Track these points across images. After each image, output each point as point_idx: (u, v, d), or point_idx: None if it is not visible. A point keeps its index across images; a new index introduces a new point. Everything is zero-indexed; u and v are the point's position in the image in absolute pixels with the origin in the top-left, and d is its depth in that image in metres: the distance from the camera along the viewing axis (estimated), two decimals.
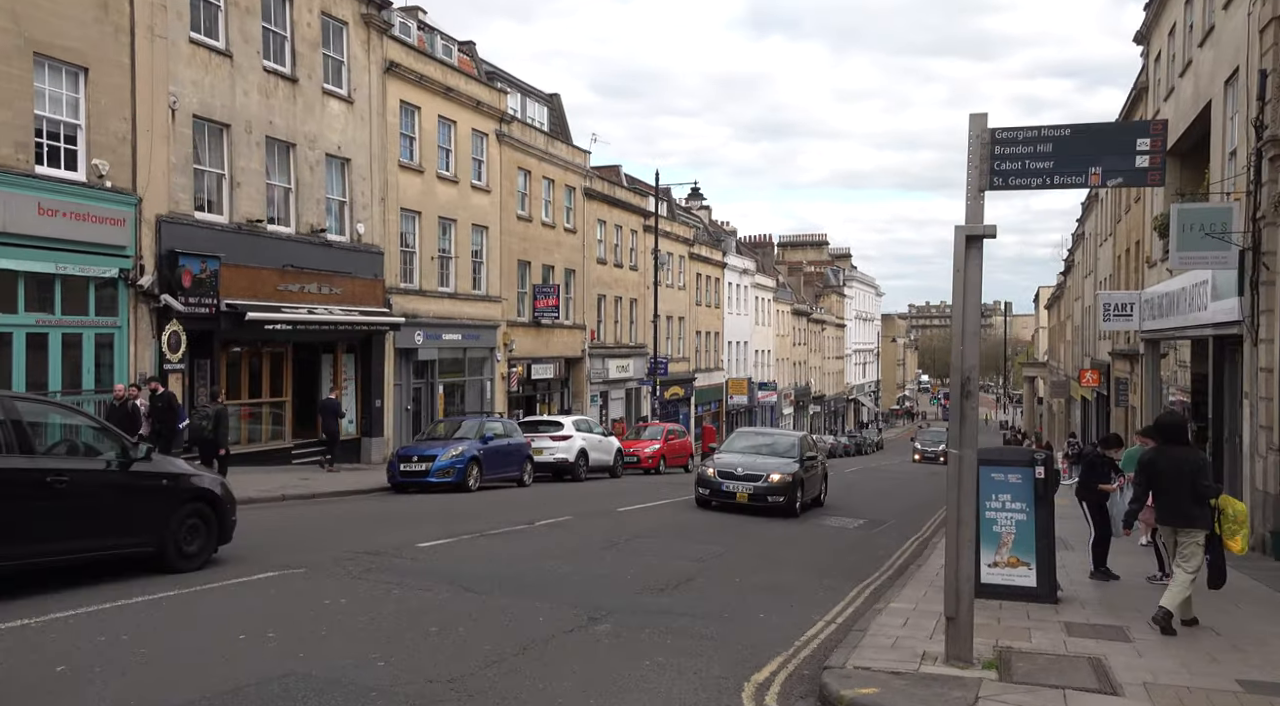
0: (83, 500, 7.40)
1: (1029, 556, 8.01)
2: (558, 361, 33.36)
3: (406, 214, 24.85)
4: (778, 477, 15.77)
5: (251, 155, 19.32)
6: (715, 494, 15.85)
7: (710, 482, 16.05)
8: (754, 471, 15.94)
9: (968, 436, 5.53)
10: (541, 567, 9.20)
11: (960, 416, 5.53)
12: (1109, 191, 31.75)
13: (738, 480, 15.85)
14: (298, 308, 20.23)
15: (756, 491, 15.63)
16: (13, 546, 6.82)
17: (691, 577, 9.18)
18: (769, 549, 12.07)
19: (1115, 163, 5.21)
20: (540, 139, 32.02)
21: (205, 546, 8.50)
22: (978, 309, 5.51)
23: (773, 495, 15.57)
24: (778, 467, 16.07)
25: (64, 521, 7.22)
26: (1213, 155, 15.63)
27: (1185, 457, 7.37)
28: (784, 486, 15.68)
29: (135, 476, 7.95)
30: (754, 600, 8.24)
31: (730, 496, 15.74)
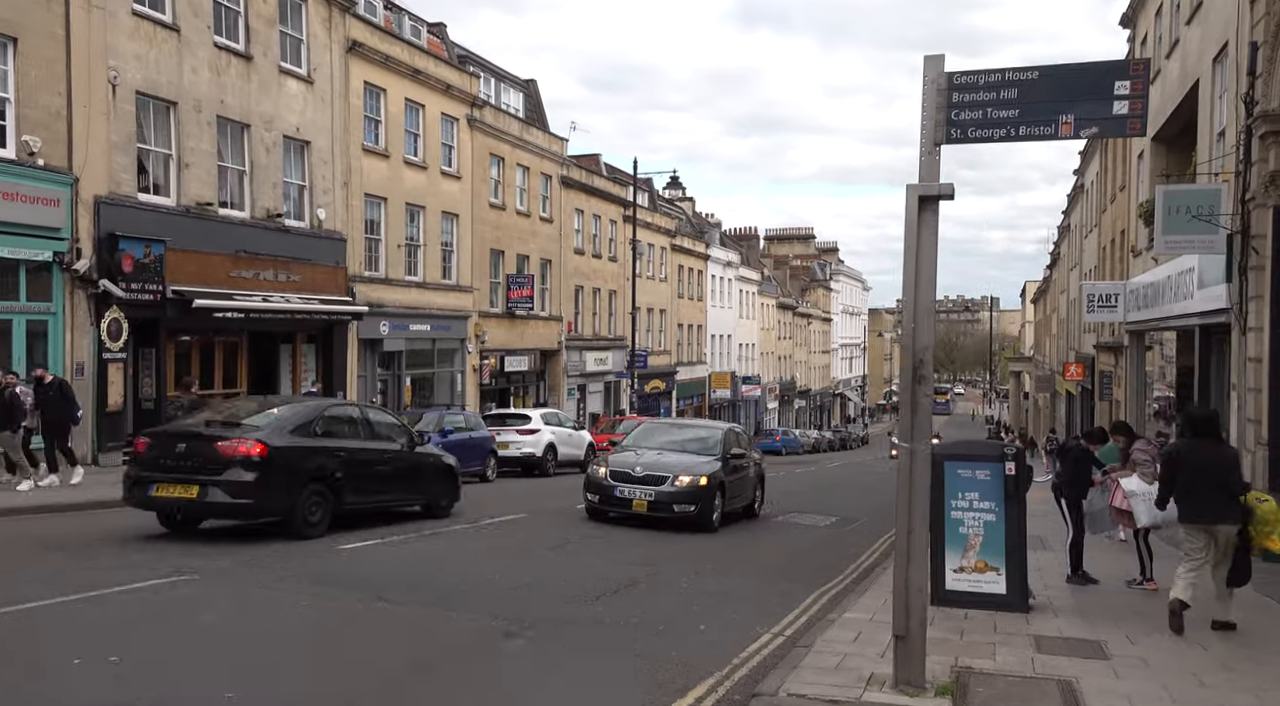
0: (394, 470, 11.60)
1: (998, 560, 7.30)
2: (533, 353, 32.57)
3: (371, 200, 24.01)
4: (687, 481, 12.37)
5: (201, 135, 18.46)
6: (607, 501, 12.58)
7: (600, 486, 12.66)
8: (657, 472, 12.57)
9: (920, 428, 4.81)
10: (471, 572, 8.46)
11: (912, 405, 4.81)
12: (1094, 181, 31.15)
13: (635, 484, 12.46)
14: (251, 295, 19.38)
15: (659, 498, 12.26)
16: (364, 496, 10.98)
17: (635, 582, 8.45)
18: (729, 548, 11.38)
19: (1090, 110, 4.50)
20: (514, 125, 31.19)
21: (450, 502, 12.84)
22: (932, 281, 4.79)
23: (680, 503, 12.25)
24: (689, 468, 12.69)
25: (385, 482, 11.47)
26: (1200, 137, 14.98)
27: (1217, 452, 7.01)
28: (695, 492, 12.38)
29: (417, 456, 12.18)
30: (699, 608, 7.51)
31: (624, 505, 12.38)
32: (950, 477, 7.37)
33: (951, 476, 7.37)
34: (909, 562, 4.87)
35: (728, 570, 9.64)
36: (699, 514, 12.37)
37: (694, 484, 12.43)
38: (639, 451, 13.61)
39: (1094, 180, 31.76)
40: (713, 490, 12.63)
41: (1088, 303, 22.10)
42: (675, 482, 12.40)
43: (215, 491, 9.24)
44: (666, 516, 12.28)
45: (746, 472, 14.36)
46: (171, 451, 9.67)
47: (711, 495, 12.61)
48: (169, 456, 9.63)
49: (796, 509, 16.54)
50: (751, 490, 14.67)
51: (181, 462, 9.50)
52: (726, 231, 62.37)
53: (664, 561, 9.88)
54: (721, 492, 12.91)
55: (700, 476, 12.56)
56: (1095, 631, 6.73)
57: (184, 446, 9.66)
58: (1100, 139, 20.73)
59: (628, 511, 12.34)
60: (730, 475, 13.35)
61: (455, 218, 27.58)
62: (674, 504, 12.28)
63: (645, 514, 12.24)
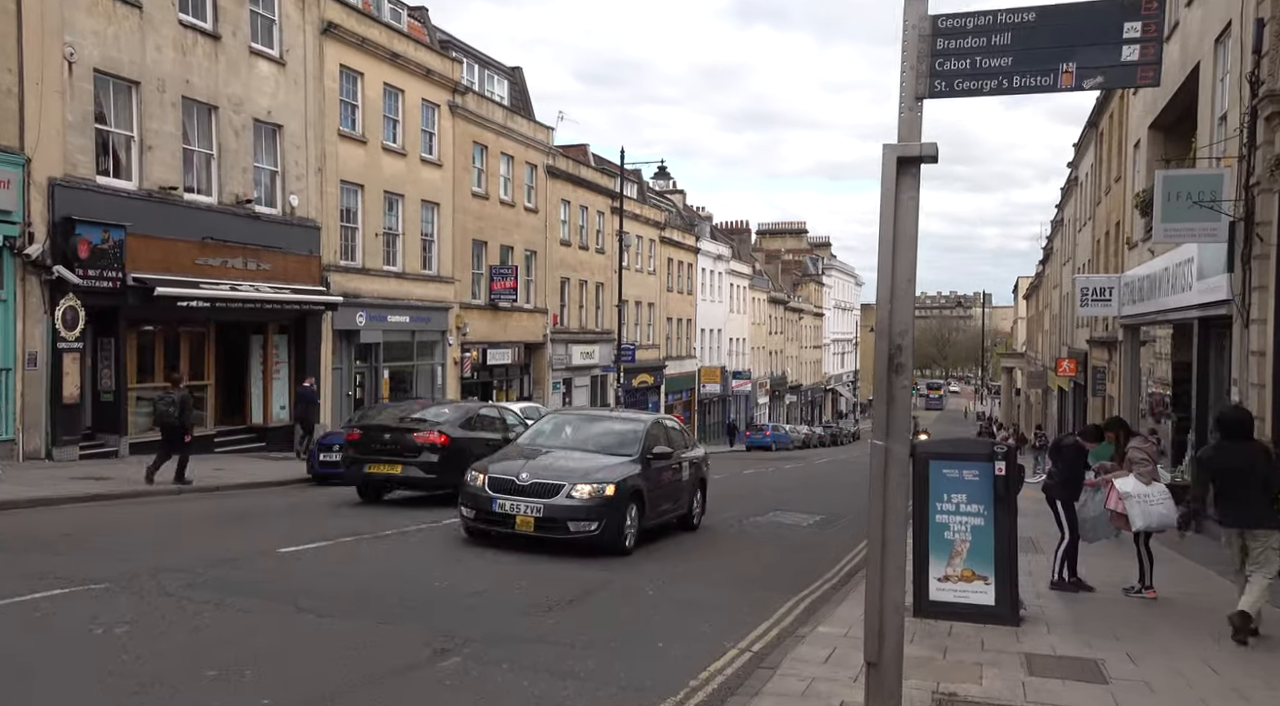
0: None
1: (987, 568, 6.70)
2: (517, 346, 31.93)
3: (348, 187, 23.31)
4: (587, 491, 9.61)
5: (165, 116, 17.74)
6: (485, 517, 9.80)
7: (476, 499, 9.85)
8: (547, 479, 9.75)
9: (897, 424, 4.20)
10: (415, 579, 7.82)
11: (887, 397, 4.20)
12: (1089, 174, 30.62)
13: (518, 495, 9.61)
14: (219, 284, 18.69)
15: (550, 514, 9.49)
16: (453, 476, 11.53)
17: (593, 590, 7.84)
18: (702, 549, 10.75)
19: (1095, 57, 3.89)
20: (499, 113, 30.48)
21: None
22: (911, 254, 4.18)
23: (577, 519, 9.51)
24: (591, 473, 9.89)
25: None
26: (1200, 122, 14.39)
27: (1254, 454, 6.62)
28: (598, 505, 9.58)
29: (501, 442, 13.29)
30: (660, 620, 6.91)
31: (504, 522, 9.62)
32: (935, 478, 6.77)
33: (937, 477, 6.77)
34: (883, 579, 4.26)
35: (699, 574, 9.06)
36: (603, 533, 9.56)
37: (597, 494, 9.59)
38: (535, 452, 10.79)
39: (1088, 173, 31.22)
40: (622, 501, 9.80)
41: (1081, 296, 21.56)
42: (572, 493, 9.59)
43: (412, 469, 12.93)
44: (559, 537, 9.50)
45: (678, 476, 11.59)
46: (380, 440, 13.23)
47: (621, 507, 9.77)
48: (378, 443, 13.20)
49: (781, 507, 15.95)
50: (688, 497, 12.06)
51: (387, 447, 13.11)
52: (718, 225, 61.75)
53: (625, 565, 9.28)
54: (638, 503, 10.17)
55: (606, 484, 9.67)
56: (1092, 648, 6.14)
57: (389, 436, 13.25)
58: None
59: (509, 530, 9.56)
60: (653, 480, 10.62)
61: (436, 206, 26.89)
62: (569, 520, 9.47)
63: (531, 534, 9.49)
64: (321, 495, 14.24)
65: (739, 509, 15.14)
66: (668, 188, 53.68)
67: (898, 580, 4.26)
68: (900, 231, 4.18)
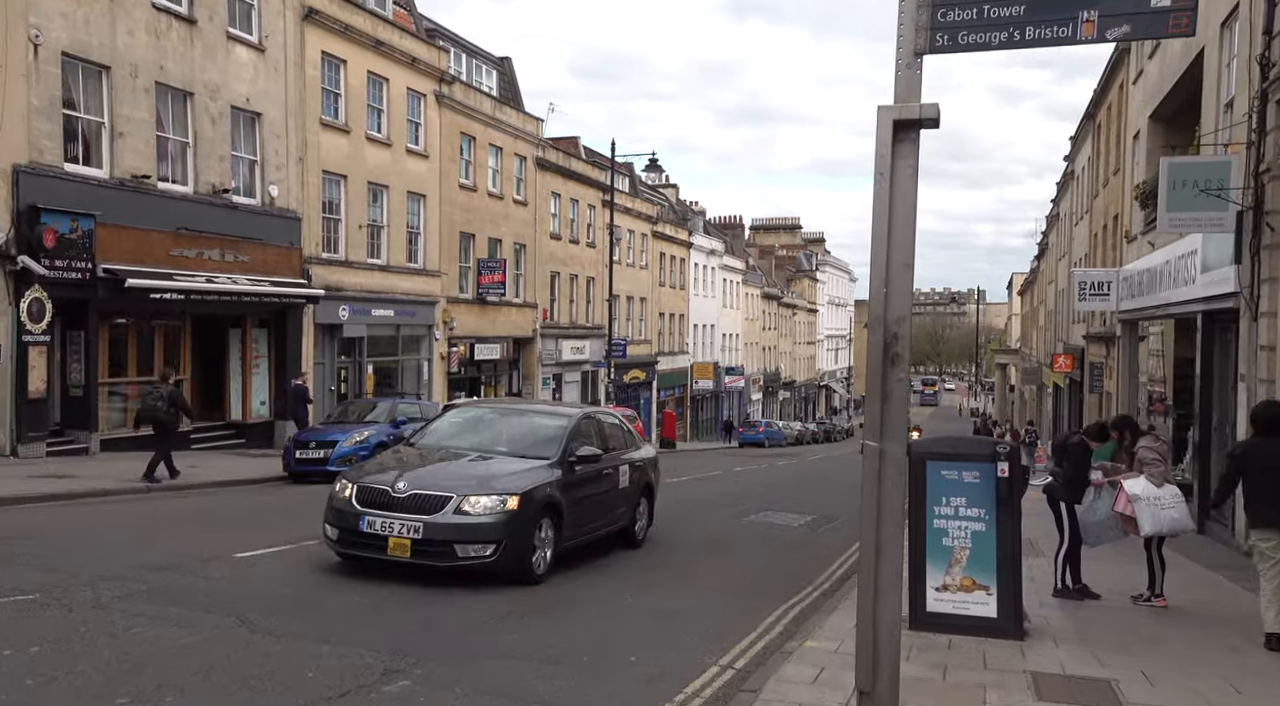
0: None
1: (988, 577, 6.23)
2: (505, 342, 31.41)
3: (330, 177, 22.76)
4: (482, 505, 7.69)
5: (138, 102, 17.18)
6: (349, 538, 7.84)
7: (342, 514, 7.89)
8: (430, 490, 7.82)
9: (893, 422, 3.72)
10: (369, 589, 7.23)
11: (882, 393, 3.72)
12: (1086, 167, 30.20)
13: (392, 512, 7.67)
14: (194, 275, 18.15)
15: (431, 534, 7.54)
16: None
17: (565, 598, 7.35)
18: (685, 554, 10.21)
19: (1120, 3, 3.43)
20: (487, 103, 29.92)
21: None
22: (910, 233, 3.70)
23: (467, 541, 7.56)
24: (489, 482, 8.02)
25: None
26: (1205, 110, 13.94)
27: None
28: (496, 523, 7.66)
29: None
30: (637, 631, 6.43)
31: (374, 544, 7.67)
32: (933, 480, 6.30)
33: (934, 478, 6.30)
34: (877, 596, 3.78)
35: (681, 579, 8.58)
36: (501, 557, 7.60)
37: (495, 508, 7.66)
38: (427, 455, 8.92)
39: (1085, 166, 30.79)
40: (530, 516, 7.90)
41: (1079, 290, 21.13)
42: (463, 507, 7.61)
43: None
44: (442, 565, 7.53)
45: (613, 483, 9.61)
46: None
47: (527, 524, 7.87)
48: None
49: (772, 506, 15.47)
50: (627, 507, 10.07)
51: None
52: (711, 220, 61.26)
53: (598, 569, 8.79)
54: (554, 518, 8.31)
55: (508, 494, 7.77)
56: (1103, 665, 5.67)
57: None
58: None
59: (379, 556, 7.60)
60: (577, 488, 8.74)
61: (422, 198, 26.34)
62: (456, 542, 7.51)
63: (406, 560, 7.53)
64: (298, 494, 13.74)
65: (729, 508, 14.68)
66: (661, 182, 53.14)
67: (894, 599, 3.79)
68: (897, 206, 3.70)
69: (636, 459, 10.59)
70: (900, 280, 3.71)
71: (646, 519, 10.80)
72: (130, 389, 18.06)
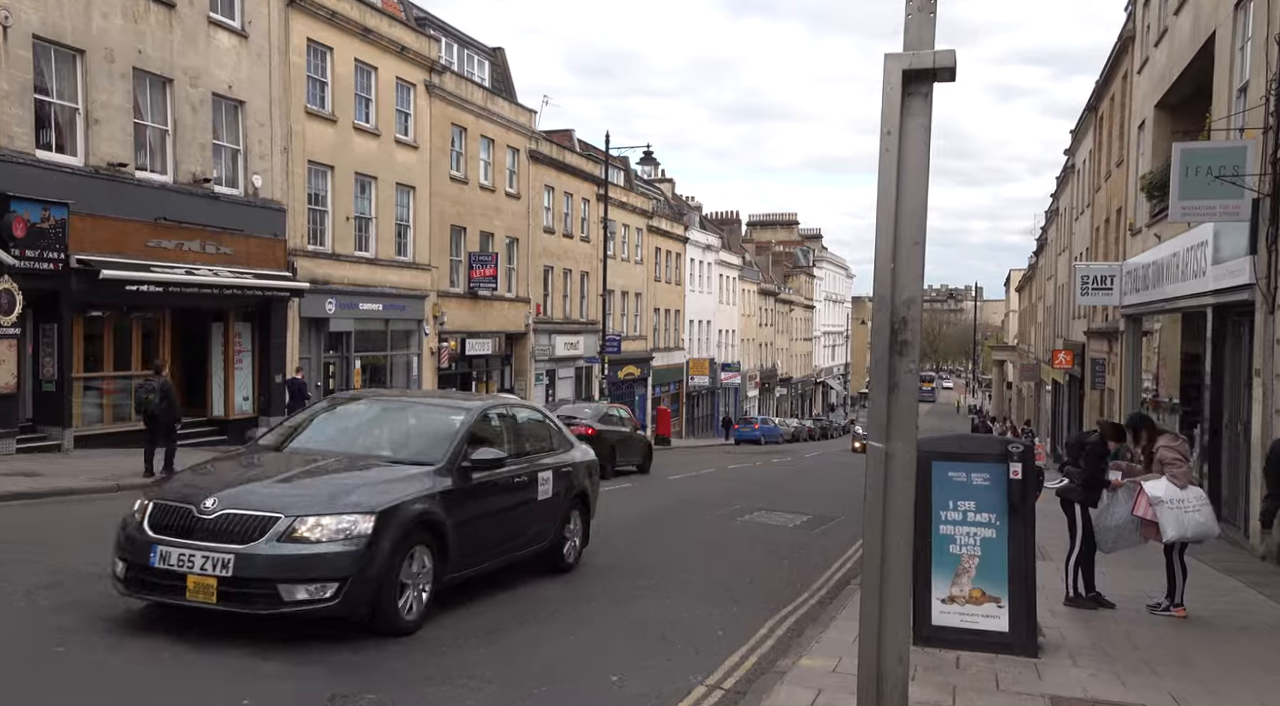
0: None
1: (999, 589, 5.74)
2: (497, 337, 30.90)
3: (316, 168, 22.23)
4: (323, 530, 5.80)
5: (114, 88, 16.64)
6: (139, 575, 5.84)
7: (133, 543, 5.92)
8: (252, 508, 5.87)
9: (901, 419, 3.24)
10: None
11: (888, 385, 3.23)
12: (1087, 160, 29.72)
13: (194, 540, 5.73)
14: (173, 267, 17.62)
15: (245, 570, 5.60)
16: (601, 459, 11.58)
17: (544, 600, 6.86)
18: (674, 558, 9.69)
19: None
20: (478, 94, 29.38)
21: None
22: (921, 200, 3.21)
23: (296, 580, 5.66)
24: (339, 497, 6.08)
25: None
26: (1216, 95, 13.46)
27: None
28: (342, 554, 5.77)
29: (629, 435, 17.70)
30: (616, 645, 5.94)
31: (169, 585, 5.71)
32: (939, 482, 5.81)
33: (941, 480, 5.82)
34: (882, 618, 3.30)
35: (669, 586, 8.06)
36: (349, 599, 5.69)
37: (341, 533, 5.75)
38: (269, 460, 6.92)
39: (1086, 159, 30.32)
40: (396, 542, 5.95)
41: (1081, 285, 20.66)
42: (295, 532, 5.72)
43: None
44: (261, 613, 5.60)
45: (528, 494, 7.74)
46: None
47: (391, 554, 5.91)
48: None
49: (767, 505, 14.99)
50: (553, 524, 8.22)
51: None
52: (707, 215, 60.76)
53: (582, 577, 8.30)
54: (434, 543, 6.36)
55: (360, 514, 5.86)
56: (1127, 687, 5.18)
57: None
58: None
59: (178, 600, 5.64)
60: (472, 503, 6.84)
61: (411, 190, 25.82)
62: (281, 581, 5.60)
63: (213, 607, 5.58)
64: None
65: (722, 508, 14.20)
66: (657, 177, 52.59)
67: (901, 621, 3.29)
68: (907, 171, 3.21)
69: (565, 463, 8.59)
70: (910, 257, 3.22)
71: (580, 537, 8.85)
72: (107, 384, 17.55)
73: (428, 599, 6.30)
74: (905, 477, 3.21)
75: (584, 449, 9.40)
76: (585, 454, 9.27)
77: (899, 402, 3.22)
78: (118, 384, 17.73)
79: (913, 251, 3.19)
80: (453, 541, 6.53)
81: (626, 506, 13.59)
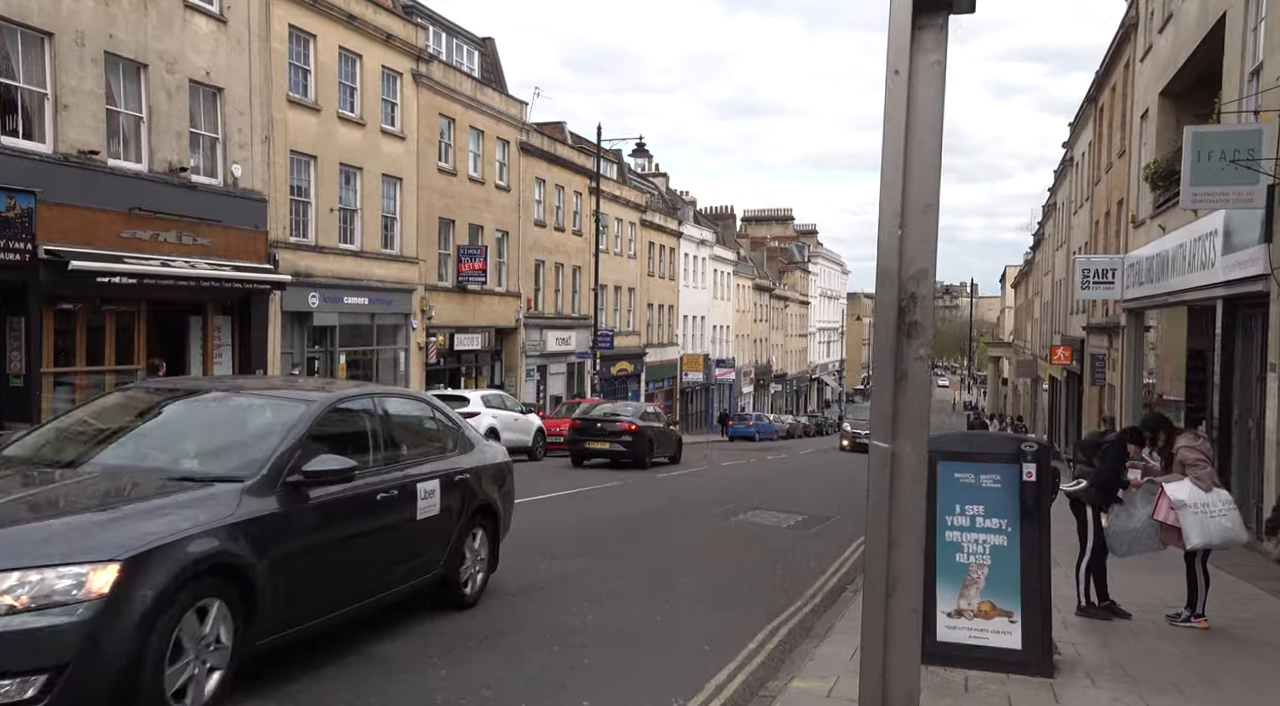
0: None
1: (1011, 602, 5.24)
2: (487, 332, 30.36)
3: (299, 158, 21.66)
4: (28, 591, 3.81)
5: (84, 73, 16.05)
6: None
7: None
8: None
9: (909, 416, 2.73)
10: None
11: (895, 373, 2.73)
12: (1086, 152, 29.25)
13: None
14: (148, 259, 17.03)
15: None
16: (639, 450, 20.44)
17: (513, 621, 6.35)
18: (662, 560, 9.17)
19: None
20: (467, 84, 28.81)
21: None
22: (934, 158, 2.70)
23: None
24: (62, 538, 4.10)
25: None
26: (1226, 79, 12.98)
27: None
28: (57, 630, 3.79)
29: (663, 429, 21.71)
30: (591, 664, 5.43)
31: None
32: (945, 484, 5.30)
33: (947, 482, 5.31)
34: (888, 644, 2.78)
35: (653, 593, 7.52)
36: (65, 699, 3.82)
37: (52, 597, 3.86)
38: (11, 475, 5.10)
39: (1085, 151, 29.86)
40: (154, 605, 4.05)
41: (1082, 278, 20.23)
42: None
43: (618, 446, 20.22)
44: None
45: (403, 513, 6.00)
46: (595, 427, 21.19)
47: (141, 627, 4.00)
48: (593, 429, 21.14)
49: (760, 504, 14.48)
50: (443, 548, 6.46)
51: (602, 431, 21.06)
52: (702, 210, 60.25)
53: (558, 582, 7.77)
54: (235, 600, 4.55)
55: (92, 565, 3.96)
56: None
57: (600, 425, 21.16)
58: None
59: None
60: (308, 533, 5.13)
61: (398, 182, 25.25)
62: None
63: None
64: None
65: (714, 506, 13.70)
66: (650, 171, 52.09)
67: (910, 648, 2.78)
68: (916, 118, 2.69)
69: (458, 469, 6.63)
70: (920, 223, 2.70)
71: (486, 562, 7.00)
72: (79, 379, 16.97)
73: (220, 680, 4.36)
74: (915, 482, 2.70)
75: (492, 449, 7.50)
76: (493, 454, 7.35)
77: (907, 395, 2.71)
78: (91, 379, 17.14)
79: (924, 216, 2.68)
80: (267, 590, 4.60)
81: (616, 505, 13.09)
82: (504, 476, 7.44)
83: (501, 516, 7.28)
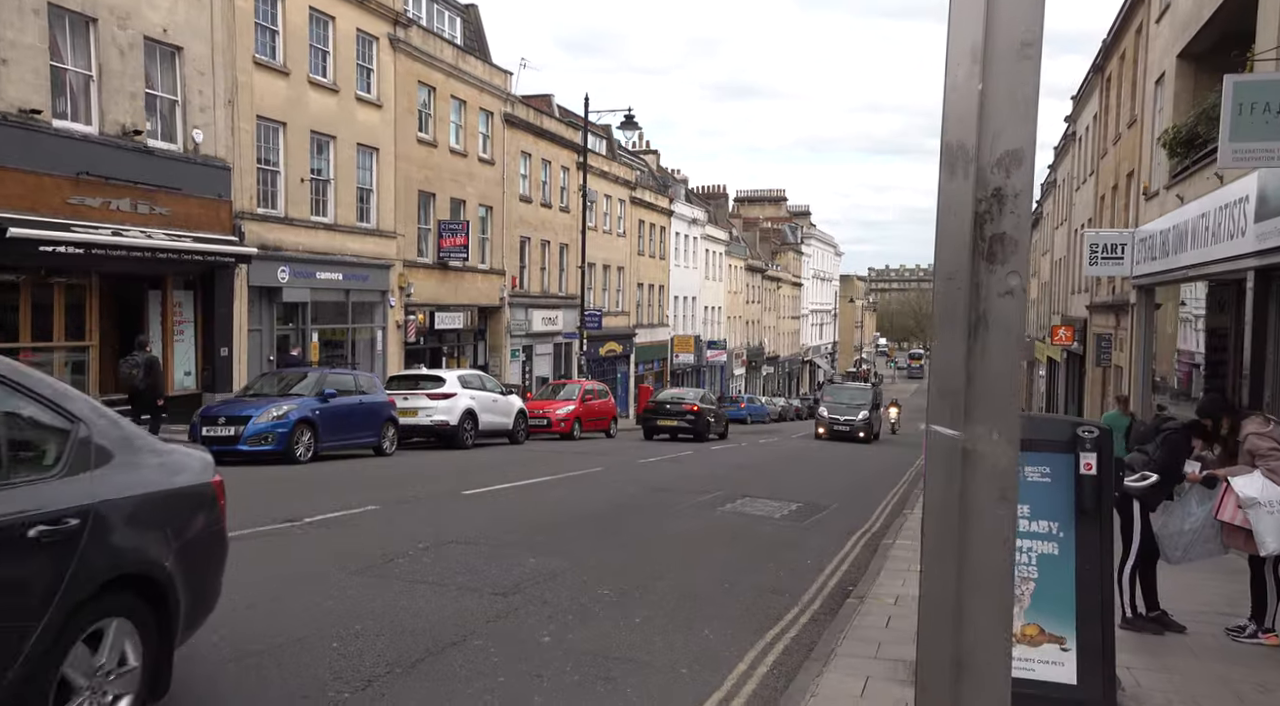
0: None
1: (1064, 625, 4.22)
2: (469, 310, 29.27)
3: (266, 124, 20.48)
4: None
5: (25, 25, 14.86)
6: None
7: None
8: None
9: (992, 387, 1.71)
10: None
11: (969, 320, 1.70)
12: (1092, 125, 28.20)
13: None
14: (99, 228, 15.92)
15: None
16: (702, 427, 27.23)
17: (467, 636, 5.34)
18: (637, 560, 8.14)
19: None
20: (449, 51, 27.57)
21: None
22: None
23: None
24: None
25: None
26: (1262, 26, 11.93)
27: None
28: None
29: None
30: (551, 693, 4.44)
31: None
32: None
33: None
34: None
35: (628, 601, 6.51)
36: None
37: None
38: None
39: (1090, 124, 28.80)
40: None
41: (1089, 254, 19.22)
42: None
43: (683, 423, 25.93)
44: None
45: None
46: (665, 407, 26.82)
47: None
48: (664, 409, 26.74)
49: (751, 492, 13.48)
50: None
51: (670, 411, 26.61)
52: (694, 189, 59.04)
53: (535, 583, 6.77)
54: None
55: None
56: None
57: (670, 406, 26.83)
58: None
59: None
60: None
61: (375, 152, 24.09)
62: None
63: None
64: None
65: (700, 495, 12.72)
66: (641, 147, 50.82)
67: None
68: None
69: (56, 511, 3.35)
70: (1013, 71, 1.67)
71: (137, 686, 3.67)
72: (24, 356, 15.83)
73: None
74: (1001, 497, 1.67)
75: (171, 459, 4.12)
76: (165, 472, 4.00)
77: (989, 354, 1.68)
78: (40, 357, 16.04)
79: (1020, 59, 1.65)
80: None
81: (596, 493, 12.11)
82: (193, 513, 4.09)
83: (180, 590, 3.81)
